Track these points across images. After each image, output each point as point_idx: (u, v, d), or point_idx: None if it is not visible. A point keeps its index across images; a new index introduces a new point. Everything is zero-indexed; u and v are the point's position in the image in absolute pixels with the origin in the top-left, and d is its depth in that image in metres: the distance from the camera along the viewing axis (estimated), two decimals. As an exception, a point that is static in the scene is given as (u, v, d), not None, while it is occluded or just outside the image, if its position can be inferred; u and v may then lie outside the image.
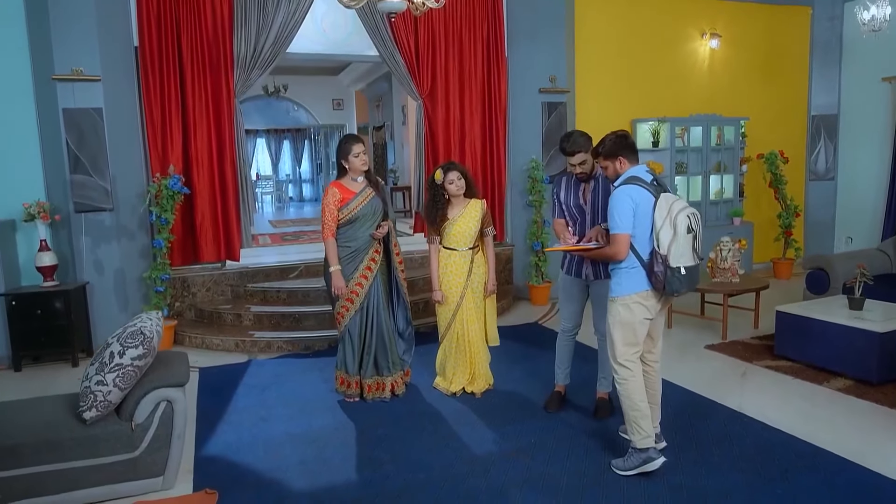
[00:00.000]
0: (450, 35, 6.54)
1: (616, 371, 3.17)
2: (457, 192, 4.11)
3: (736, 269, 5.43)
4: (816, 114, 8.26)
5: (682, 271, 3.01)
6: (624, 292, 3.12)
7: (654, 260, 3.03)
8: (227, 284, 6.13)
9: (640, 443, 3.09)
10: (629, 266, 3.11)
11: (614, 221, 3.09)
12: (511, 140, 6.91)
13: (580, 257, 3.71)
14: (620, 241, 3.07)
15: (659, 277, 3.02)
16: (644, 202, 3.06)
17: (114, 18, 5.44)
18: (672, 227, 2.99)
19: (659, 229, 3.01)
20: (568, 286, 3.86)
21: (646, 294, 3.10)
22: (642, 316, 3.12)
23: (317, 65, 13.01)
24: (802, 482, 3.00)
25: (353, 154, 4.01)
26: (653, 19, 7.40)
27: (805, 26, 8.17)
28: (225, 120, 5.91)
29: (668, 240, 2.99)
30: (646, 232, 3.07)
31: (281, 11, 5.89)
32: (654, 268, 3.03)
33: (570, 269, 3.80)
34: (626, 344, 3.13)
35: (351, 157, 4.01)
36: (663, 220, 3.01)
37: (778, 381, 4.37)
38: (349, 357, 4.14)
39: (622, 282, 3.14)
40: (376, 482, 3.14)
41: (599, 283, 3.70)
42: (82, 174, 5.28)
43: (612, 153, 3.21)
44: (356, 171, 4.05)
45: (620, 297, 3.13)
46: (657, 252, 3.02)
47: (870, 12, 5.80)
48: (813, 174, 8.36)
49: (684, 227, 3.00)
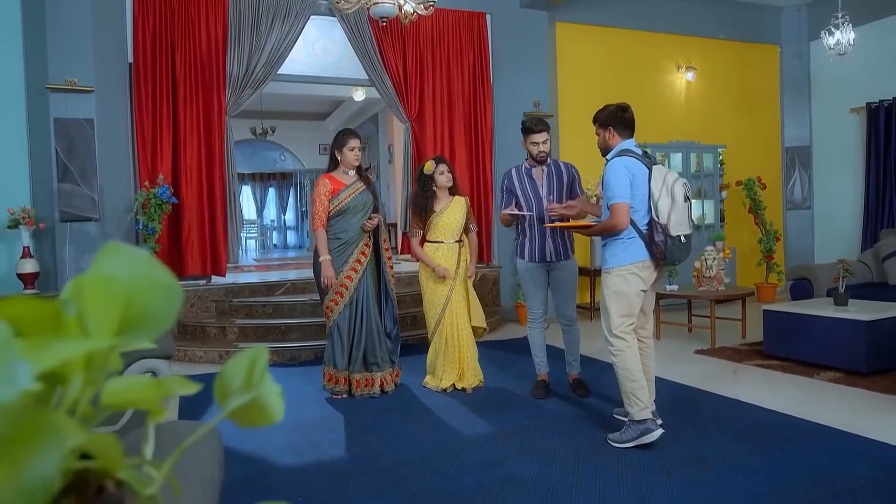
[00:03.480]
0: (437, 60, 6.76)
1: (611, 343, 3.14)
2: (445, 184, 4.18)
3: (721, 277, 5.49)
4: (790, 145, 8.56)
5: (682, 239, 3.04)
6: (620, 263, 3.11)
7: (654, 230, 3.03)
8: (212, 300, 6.04)
9: (639, 414, 3.03)
10: (626, 237, 3.10)
11: (612, 192, 3.08)
12: (497, 163, 7.05)
13: (541, 243, 3.82)
14: (621, 210, 3.05)
15: (660, 247, 3.02)
16: (640, 173, 3.09)
17: (109, 33, 5.57)
18: (670, 196, 3.02)
19: (657, 199, 3.03)
20: (532, 273, 3.92)
21: (642, 265, 3.10)
22: (638, 287, 3.11)
23: (304, 109, 13.33)
24: (800, 449, 2.96)
25: (349, 147, 4.07)
26: (631, 51, 7.73)
27: (774, 63, 8.57)
28: (215, 137, 5.98)
29: (667, 209, 3.01)
30: (642, 203, 3.08)
31: (274, 33, 6.08)
32: (655, 237, 3.03)
33: (533, 256, 3.88)
34: (621, 315, 3.11)
35: (345, 150, 4.07)
36: (660, 190, 3.03)
37: (769, 377, 4.36)
38: (337, 351, 4.07)
39: (618, 253, 3.13)
40: (366, 458, 3.04)
41: (560, 267, 3.85)
42: (70, 183, 5.28)
43: (605, 122, 3.23)
44: (348, 164, 4.10)
45: (616, 268, 3.12)
46: (656, 222, 3.03)
47: (835, 37, 6.12)
48: (791, 203, 8.58)
49: (682, 195, 3.04)
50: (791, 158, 8.54)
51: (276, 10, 6.07)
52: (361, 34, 6.35)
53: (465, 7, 6.82)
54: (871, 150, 7.44)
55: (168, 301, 0.39)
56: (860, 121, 7.76)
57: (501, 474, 2.77)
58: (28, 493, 0.23)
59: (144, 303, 0.38)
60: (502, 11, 6.98)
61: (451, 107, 6.85)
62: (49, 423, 0.25)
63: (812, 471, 2.71)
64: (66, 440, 0.25)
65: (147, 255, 0.40)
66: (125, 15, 5.69)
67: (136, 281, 0.38)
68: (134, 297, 0.38)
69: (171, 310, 0.39)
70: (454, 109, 6.85)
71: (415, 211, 4.24)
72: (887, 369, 4.17)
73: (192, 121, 5.90)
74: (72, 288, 0.37)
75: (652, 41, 7.85)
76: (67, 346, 0.30)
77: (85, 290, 0.37)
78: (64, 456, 0.25)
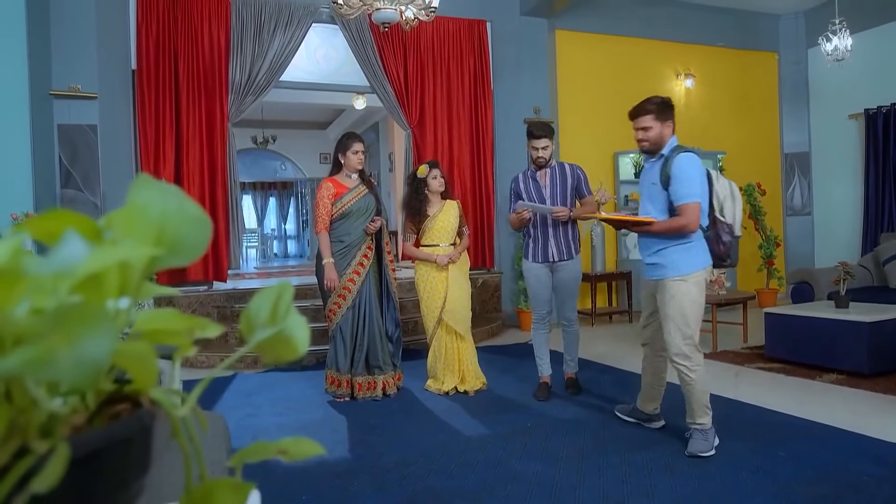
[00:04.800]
0: (437, 66, 6.80)
1: (689, 357, 2.89)
2: (437, 189, 4.23)
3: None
4: (789, 152, 8.60)
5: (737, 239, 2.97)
6: (695, 268, 2.87)
7: (720, 230, 2.88)
8: (214, 306, 6.05)
9: (709, 421, 2.94)
10: (695, 239, 2.87)
11: (686, 189, 2.79)
12: (498, 168, 7.08)
13: (544, 243, 3.87)
14: (695, 210, 2.79)
15: (726, 247, 2.88)
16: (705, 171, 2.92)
17: (113, 39, 5.62)
18: (733, 197, 2.92)
19: (723, 199, 2.90)
20: (536, 273, 3.97)
21: (709, 269, 2.93)
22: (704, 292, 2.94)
23: (305, 118, 13.39)
24: (803, 447, 2.96)
25: (353, 150, 4.10)
26: (630, 58, 7.78)
27: (773, 70, 8.63)
28: (217, 143, 6.01)
29: (731, 208, 2.91)
30: (706, 203, 2.90)
31: (276, 41, 6.13)
32: (722, 237, 2.87)
33: (537, 256, 3.94)
34: (698, 324, 2.90)
35: (349, 153, 4.10)
36: (725, 190, 2.91)
37: (771, 379, 4.36)
38: (340, 355, 4.08)
39: (690, 258, 2.87)
40: (369, 458, 3.04)
41: (563, 268, 3.89)
42: (73, 189, 5.30)
43: (665, 114, 2.92)
44: (351, 167, 4.12)
45: (692, 275, 2.86)
46: (723, 222, 2.88)
47: (832, 43, 6.17)
48: (790, 209, 8.61)
49: (739, 196, 2.97)
50: (790, 164, 8.58)
51: (279, 17, 6.13)
52: (363, 41, 6.40)
53: (465, 15, 6.88)
54: (870, 156, 7.48)
55: (199, 231, 0.40)
56: (858, 127, 7.80)
57: (504, 473, 2.77)
58: (82, 367, 0.25)
59: (177, 231, 0.39)
60: (502, 19, 7.04)
61: (452, 113, 6.89)
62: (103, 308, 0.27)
63: (815, 468, 2.71)
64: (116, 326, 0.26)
65: (177, 189, 0.42)
66: (129, 22, 5.74)
67: (168, 212, 0.40)
68: (167, 226, 0.39)
69: (203, 239, 0.41)
70: (455, 116, 6.89)
71: (409, 214, 4.26)
72: (889, 370, 4.18)
73: (194, 127, 5.94)
74: (106, 220, 0.38)
75: (651, 48, 7.91)
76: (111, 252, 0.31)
77: (119, 220, 0.38)
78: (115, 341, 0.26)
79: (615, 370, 4.76)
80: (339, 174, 4.17)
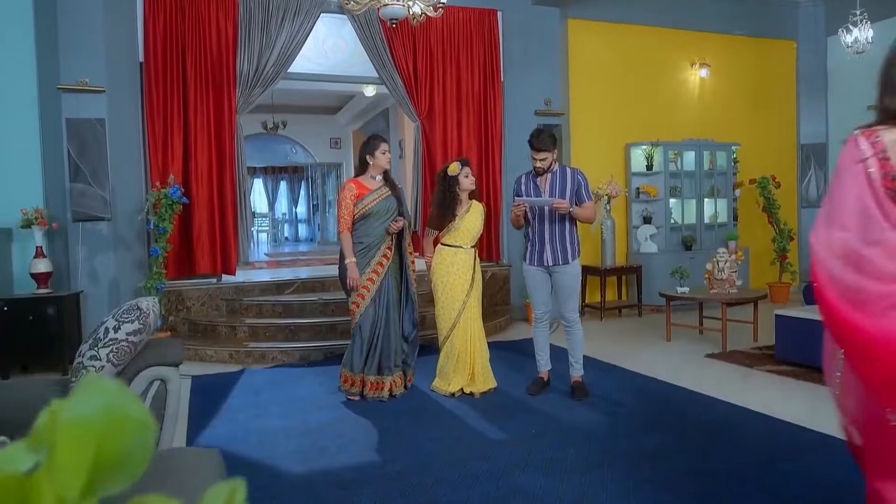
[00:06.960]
0: (447, 57, 6.71)
1: None
2: (468, 187, 4.23)
3: (734, 279, 5.43)
4: (805, 143, 8.44)
5: None
6: None
7: None
8: (223, 299, 6.08)
9: None
10: None
11: None
12: (507, 161, 7.01)
13: (540, 248, 3.97)
14: None
15: None
16: None
17: (121, 33, 5.58)
18: None
19: None
20: (534, 275, 4.07)
21: None
22: None
23: (315, 103, 13.32)
24: (812, 462, 2.93)
25: (381, 150, 4.14)
26: (643, 48, 7.63)
27: (791, 59, 8.44)
28: (226, 136, 5.99)
29: None
30: None
31: (284, 32, 6.06)
32: None
33: (534, 260, 4.05)
34: None
35: (378, 153, 4.13)
36: None
37: (781, 383, 4.32)
38: (356, 354, 4.10)
39: None
40: (374, 466, 3.05)
41: (559, 271, 3.97)
42: (82, 183, 5.31)
43: None
44: (379, 167, 4.15)
45: None
46: None
47: (852, 35, 6.01)
48: (805, 201, 8.47)
49: None
50: (807, 156, 8.43)
51: (287, 8, 6.05)
52: (371, 32, 6.32)
53: (476, 4, 6.76)
54: (889, 149, 7.31)
55: (142, 441, 0.38)
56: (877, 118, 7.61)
57: (507, 486, 2.77)
58: None
59: (118, 447, 0.37)
60: (513, 8, 6.91)
61: (462, 105, 6.81)
62: None
63: (825, 487, 2.68)
64: None
65: (121, 391, 0.39)
66: (136, 15, 5.70)
67: (110, 423, 0.37)
68: (106, 443, 0.37)
69: (146, 449, 0.38)
70: (464, 107, 6.81)
71: (439, 211, 4.22)
72: (902, 377, 4.11)
73: (202, 120, 5.91)
74: (41, 436, 0.36)
75: (665, 37, 7.75)
76: None
77: (55, 440, 0.36)
78: None
79: (621, 370, 4.73)
80: (364, 175, 4.19)
